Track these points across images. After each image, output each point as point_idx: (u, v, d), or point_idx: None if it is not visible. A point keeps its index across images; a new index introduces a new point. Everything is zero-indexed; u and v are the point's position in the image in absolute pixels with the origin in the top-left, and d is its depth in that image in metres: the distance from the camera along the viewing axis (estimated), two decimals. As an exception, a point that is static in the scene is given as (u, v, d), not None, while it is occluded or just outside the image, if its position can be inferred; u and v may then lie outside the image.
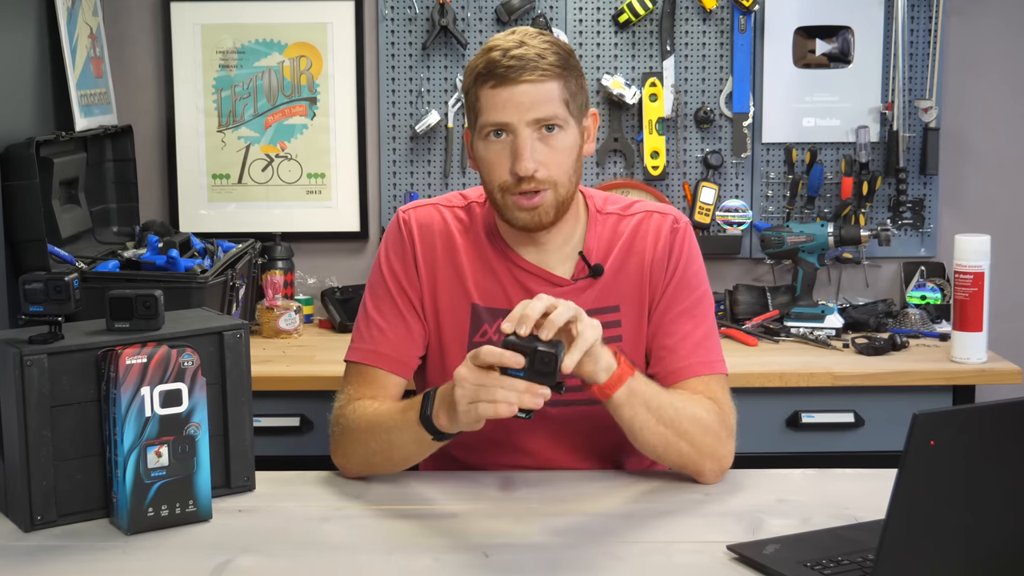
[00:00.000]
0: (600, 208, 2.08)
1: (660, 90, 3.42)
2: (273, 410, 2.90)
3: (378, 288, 2.07)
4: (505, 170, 1.93)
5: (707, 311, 2.06)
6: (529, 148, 1.90)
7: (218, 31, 3.48)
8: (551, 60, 1.91)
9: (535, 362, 1.66)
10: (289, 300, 3.31)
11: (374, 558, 1.69)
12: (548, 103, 1.91)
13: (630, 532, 1.77)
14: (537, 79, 1.90)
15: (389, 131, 3.49)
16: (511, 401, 1.66)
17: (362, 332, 2.06)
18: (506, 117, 1.91)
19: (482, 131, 1.95)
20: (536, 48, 1.91)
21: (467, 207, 2.09)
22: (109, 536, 1.76)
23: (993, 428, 1.38)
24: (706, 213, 3.44)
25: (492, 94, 1.91)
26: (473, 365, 1.69)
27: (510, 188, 1.94)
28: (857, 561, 1.59)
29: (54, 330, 1.78)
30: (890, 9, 3.42)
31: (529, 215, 1.95)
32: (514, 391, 1.66)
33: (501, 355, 1.67)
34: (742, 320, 3.28)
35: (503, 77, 1.90)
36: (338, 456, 2.00)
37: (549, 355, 1.66)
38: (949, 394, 2.94)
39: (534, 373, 1.66)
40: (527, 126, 1.91)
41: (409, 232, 2.06)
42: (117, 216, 3.35)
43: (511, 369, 1.66)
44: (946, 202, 3.51)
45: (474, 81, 1.94)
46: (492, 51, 1.92)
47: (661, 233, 2.05)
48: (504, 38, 1.95)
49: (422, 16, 3.45)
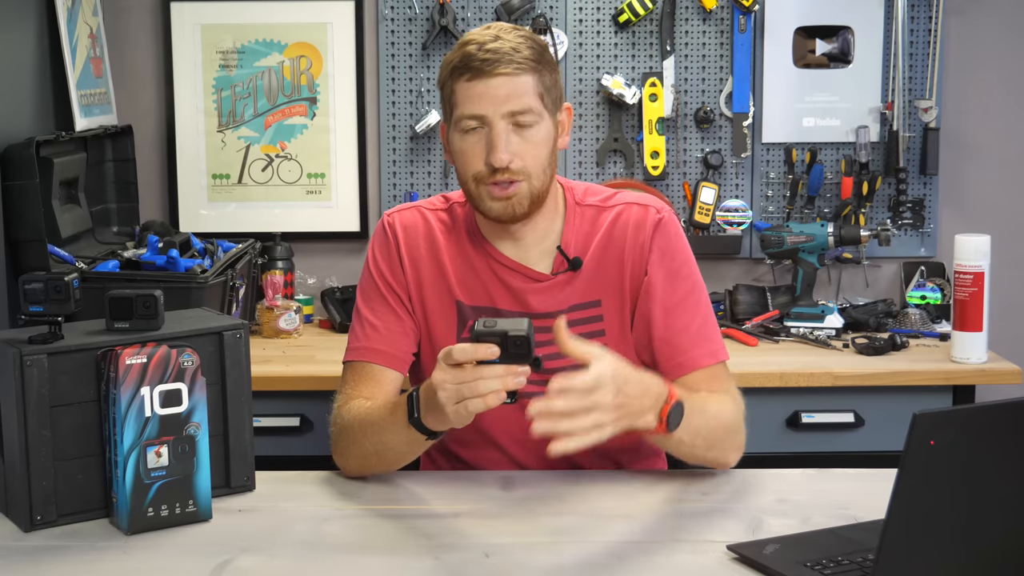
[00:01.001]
0: (579, 200, 2.09)
1: (660, 90, 3.42)
2: (273, 410, 2.90)
3: (368, 289, 2.09)
4: (480, 161, 1.95)
5: (701, 299, 2.07)
6: (504, 140, 1.93)
7: (218, 31, 3.48)
8: (526, 54, 1.94)
9: (508, 347, 1.67)
10: (289, 300, 3.31)
11: (374, 558, 1.69)
12: (523, 96, 1.93)
13: (630, 532, 1.77)
14: (512, 72, 1.92)
15: (389, 131, 3.49)
16: (496, 389, 1.67)
17: (356, 333, 2.08)
18: (481, 109, 1.93)
19: (457, 123, 1.97)
20: (511, 42, 1.94)
21: (449, 208, 2.12)
22: (109, 536, 1.76)
23: (993, 428, 1.38)
24: (706, 213, 3.44)
25: (468, 87, 1.94)
26: (448, 366, 1.70)
27: (484, 179, 1.96)
28: (857, 561, 1.59)
29: (54, 330, 1.78)
30: (890, 9, 3.42)
31: (503, 205, 1.97)
32: (495, 378, 1.67)
33: (475, 350, 1.67)
34: (742, 320, 3.28)
35: (478, 70, 1.92)
36: (337, 456, 2.01)
37: (521, 338, 1.66)
38: (949, 394, 2.94)
39: (509, 357, 1.67)
40: (502, 118, 1.93)
41: (394, 233, 2.09)
42: (117, 216, 3.35)
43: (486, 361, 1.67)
44: (946, 202, 3.51)
45: (450, 74, 1.96)
46: (468, 45, 1.94)
47: (642, 225, 2.05)
48: (480, 32, 1.97)
49: (422, 16, 3.45)
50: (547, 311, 2.03)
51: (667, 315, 2.03)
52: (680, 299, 2.03)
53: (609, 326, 2.05)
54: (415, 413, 1.81)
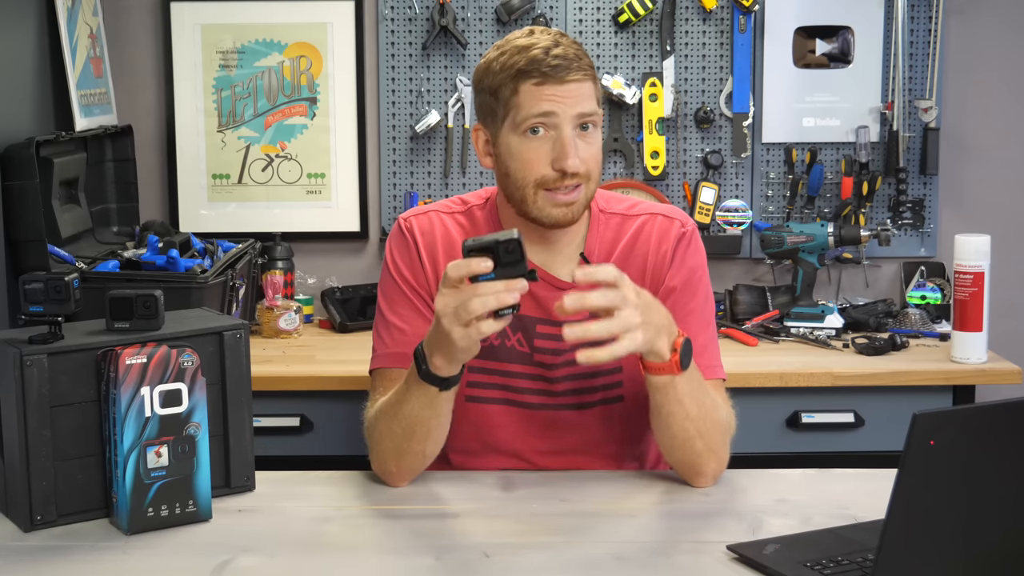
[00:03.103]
0: (603, 208, 2.08)
1: (660, 90, 3.42)
2: (273, 410, 2.90)
3: (391, 292, 2.06)
4: (544, 165, 1.94)
5: (710, 315, 2.07)
6: (574, 145, 1.94)
7: (218, 31, 3.48)
8: (586, 61, 1.97)
9: (501, 255, 1.67)
10: (289, 300, 3.31)
11: (374, 558, 1.69)
12: (589, 100, 1.95)
13: (630, 532, 1.77)
14: (580, 78, 1.94)
15: (389, 131, 3.49)
16: (496, 304, 1.67)
17: (383, 338, 2.04)
18: (554, 109, 1.93)
19: (520, 126, 1.95)
20: (572, 49, 1.95)
21: (467, 211, 2.09)
22: (109, 536, 1.75)
23: (993, 428, 1.38)
24: (706, 213, 3.44)
25: (536, 91, 1.93)
26: (446, 290, 1.70)
27: (548, 183, 1.95)
28: (857, 561, 1.59)
29: (54, 330, 1.78)
30: (890, 9, 3.42)
31: (564, 211, 1.96)
32: (493, 293, 1.67)
33: (467, 264, 1.68)
34: (742, 320, 3.28)
35: (548, 76, 1.92)
36: (376, 462, 1.96)
37: (512, 242, 1.67)
38: (949, 394, 2.94)
39: (503, 268, 1.67)
40: (570, 123, 1.94)
41: (412, 235, 2.06)
42: (117, 216, 3.35)
43: (482, 276, 1.67)
44: (946, 202, 3.51)
45: (513, 77, 1.94)
46: (530, 49, 1.94)
47: (666, 236, 2.05)
48: (533, 37, 1.96)
49: (422, 16, 3.45)
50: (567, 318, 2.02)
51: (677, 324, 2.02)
52: (689, 311, 2.02)
53: None
54: (423, 365, 1.80)
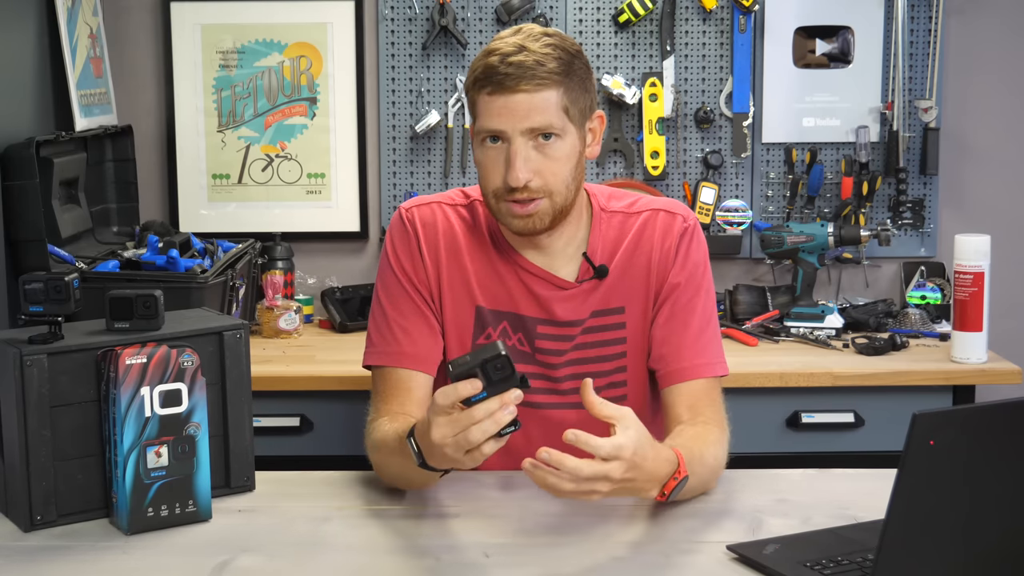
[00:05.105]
0: (604, 206, 2.06)
1: (660, 90, 3.42)
2: (273, 410, 2.90)
3: (391, 286, 2.02)
4: (499, 177, 1.90)
5: (713, 310, 2.05)
6: (522, 157, 1.87)
7: (218, 31, 3.48)
8: (551, 67, 1.87)
9: (490, 373, 1.59)
10: (289, 300, 3.31)
11: (374, 558, 1.69)
12: (544, 112, 1.87)
13: (630, 532, 1.77)
14: (534, 88, 1.86)
15: (389, 131, 3.49)
16: (496, 428, 1.59)
17: (383, 332, 2.01)
18: (500, 125, 1.87)
19: (478, 136, 1.92)
20: (536, 54, 1.86)
21: (470, 205, 2.06)
22: (109, 536, 1.75)
23: (993, 428, 1.38)
24: (706, 213, 3.44)
25: (488, 101, 1.88)
26: (440, 419, 1.61)
27: (501, 195, 1.91)
28: (857, 561, 1.59)
29: (54, 330, 1.78)
30: (890, 9, 3.42)
31: (523, 222, 1.92)
32: (490, 418, 1.59)
33: (456, 390, 1.59)
34: (742, 320, 3.28)
35: (499, 84, 1.86)
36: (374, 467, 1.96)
37: (500, 358, 1.59)
38: (949, 394, 2.94)
39: (494, 385, 1.60)
40: (521, 135, 1.87)
41: (414, 227, 2.03)
42: (117, 216, 3.35)
43: (473, 397, 1.60)
44: (946, 202, 3.51)
45: (472, 84, 1.91)
46: (491, 55, 1.88)
47: (670, 231, 2.03)
48: (506, 40, 1.90)
49: (422, 16, 3.45)
50: (571, 319, 2.01)
51: (676, 320, 2.01)
52: (692, 307, 2.01)
53: (631, 333, 2.03)
54: (423, 459, 1.72)
